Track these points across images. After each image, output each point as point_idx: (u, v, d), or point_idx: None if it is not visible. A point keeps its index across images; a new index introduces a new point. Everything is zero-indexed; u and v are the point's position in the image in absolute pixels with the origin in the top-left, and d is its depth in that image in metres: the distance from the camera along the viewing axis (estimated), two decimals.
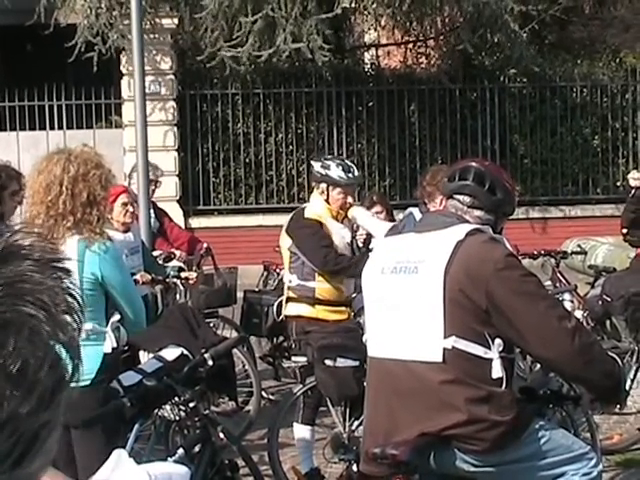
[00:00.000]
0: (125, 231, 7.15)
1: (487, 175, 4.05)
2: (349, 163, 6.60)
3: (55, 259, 1.15)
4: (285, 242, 6.54)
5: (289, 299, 6.52)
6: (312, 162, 6.80)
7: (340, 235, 6.44)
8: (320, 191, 6.49)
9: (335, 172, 6.40)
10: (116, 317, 4.67)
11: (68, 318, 1.12)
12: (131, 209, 7.24)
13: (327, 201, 6.43)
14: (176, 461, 4.37)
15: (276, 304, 7.64)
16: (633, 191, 10.20)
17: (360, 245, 6.53)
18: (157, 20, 15.32)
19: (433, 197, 6.71)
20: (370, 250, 6.37)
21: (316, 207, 6.50)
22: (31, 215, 4.59)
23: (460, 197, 4.01)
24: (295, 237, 6.47)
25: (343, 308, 6.43)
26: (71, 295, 1.14)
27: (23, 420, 1.07)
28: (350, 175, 6.43)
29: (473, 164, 4.12)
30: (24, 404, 1.06)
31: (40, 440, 1.10)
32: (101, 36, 14.70)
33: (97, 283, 4.55)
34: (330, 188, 6.42)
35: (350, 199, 6.48)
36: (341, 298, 6.42)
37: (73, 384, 1.12)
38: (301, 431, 6.40)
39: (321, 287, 6.39)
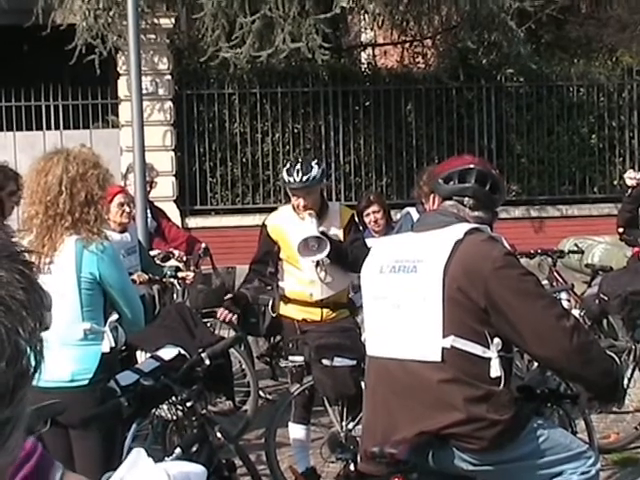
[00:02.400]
0: (122, 231, 7.16)
1: (488, 175, 4.07)
2: (299, 167, 6.31)
3: (15, 252, 1.12)
4: None
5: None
6: None
7: (301, 237, 6.27)
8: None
9: (283, 175, 6.38)
10: (114, 317, 4.66)
11: (29, 313, 1.09)
12: (127, 209, 7.25)
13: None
14: (173, 460, 4.37)
15: (270, 302, 7.66)
16: (630, 190, 10.17)
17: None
18: (155, 20, 15.30)
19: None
20: None
21: (283, 211, 6.57)
22: (29, 215, 4.59)
23: (463, 199, 4.00)
24: None
25: (315, 309, 6.40)
26: (33, 289, 1.11)
27: None
28: (291, 179, 6.25)
29: (472, 165, 4.11)
30: None
31: (2, 438, 1.07)
32: (100, 37, 14.69)
33: (95, 283, 4.54)
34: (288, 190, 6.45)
35: (302, 202, 6.26)
36: (309, 299, 6.38)
37: (72, 384, 1.10)
38: (295, 430, 6.40)
39: (288, 288, 6.46)
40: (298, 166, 6.33)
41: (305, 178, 6.24)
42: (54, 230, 4.51)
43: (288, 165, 6.47)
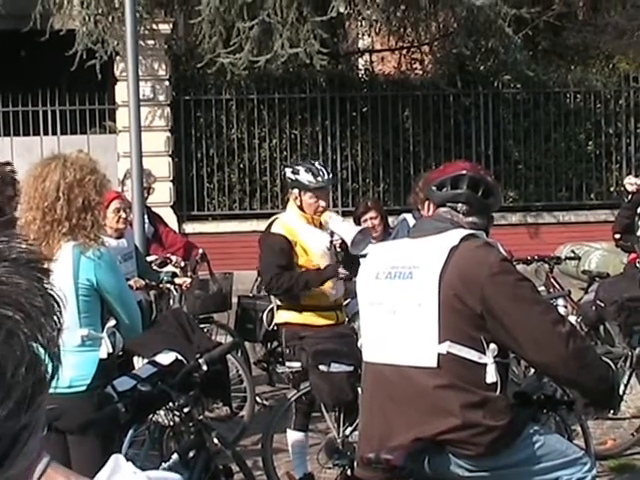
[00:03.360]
0: (118, 237, 7.14)
1: (481, 181, 4.07)
2: (318, 166, 6.42)
3: (33, 260, 1.13)
4: None
5: (279, 307, 6.50)
6: (285, 169, 6.75)
7: (317, 241, 6.30)
8: (293, 197, 6.42)
9: (304, 177, 6.32)
10: (112, 322, 4.66)
11: (47, 319, 1.11)
12: (124, 215, 7.24)
13: (301, 207, 6.34)
14: (170, 466, 4.38)
15: (266, 311, 7.66)
16: (630, 196, 10.14)
17: (338, 250, 6.37)
18: (153, 26, 15.31)
19: None
20: (344, 254, 6.30)
21: (289, 216, 6.44)
22: (27, 221, 4.59)
23: (456, 205, 4.01)
24: (260, 250, 6.51)
25: (331, 313, 6.38)
26: (50, 296, 1.12)
27: (1, 423, 1.05)
28: (319, 178, 6.29)
29: (464, 171, 4.11)
30: (2, 407, 1.05)
31: (20, 443, 1.08)
32: (100, 42, 14.70)
33: (92, 289, 4.55)
34: (302, 193, 6.34)
35: (323, 202, 6.33)
36: (327, 303, 6.34)
37: (69, 390, 1.10)
38: (294, 437, 6.39)
39: (305, 294, 6.33)
40: (318, 166, 6.44)
41: (331, 176, 6.45)
42: (51, 236, 4.51)
43: (303, 167, 6.42)
